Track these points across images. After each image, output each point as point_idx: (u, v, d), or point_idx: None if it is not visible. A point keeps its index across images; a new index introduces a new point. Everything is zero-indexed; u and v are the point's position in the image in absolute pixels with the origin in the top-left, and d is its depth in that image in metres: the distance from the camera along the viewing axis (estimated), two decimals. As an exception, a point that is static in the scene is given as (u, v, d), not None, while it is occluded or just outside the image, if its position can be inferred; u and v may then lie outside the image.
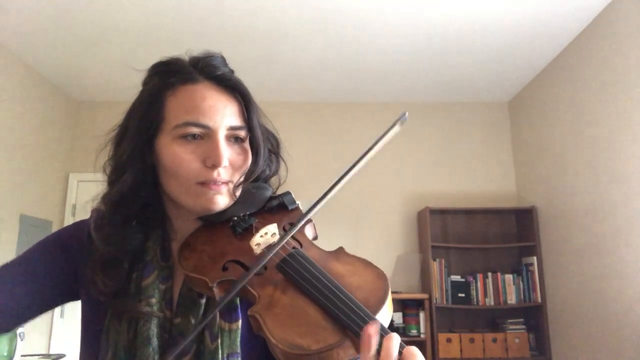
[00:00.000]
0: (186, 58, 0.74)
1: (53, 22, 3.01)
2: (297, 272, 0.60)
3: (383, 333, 0.51)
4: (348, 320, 0.53)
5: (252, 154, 0.74)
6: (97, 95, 4.14)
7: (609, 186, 2.84)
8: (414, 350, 0.50)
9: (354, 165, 0.64)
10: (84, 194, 4.05)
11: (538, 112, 3.76)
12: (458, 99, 4.22)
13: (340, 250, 0.67)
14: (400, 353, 0.49)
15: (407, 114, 0.67)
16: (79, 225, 0.79)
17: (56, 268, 0.74)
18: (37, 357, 3.12)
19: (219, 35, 3.16)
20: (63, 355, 3.20)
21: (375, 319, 0.53)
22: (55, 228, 3.90)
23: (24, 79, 3.53)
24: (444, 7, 2.87)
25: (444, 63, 3.57)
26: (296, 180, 0.88)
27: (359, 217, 3.97)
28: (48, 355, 3.40)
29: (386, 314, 0.56)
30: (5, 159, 3.33)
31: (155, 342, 0.65)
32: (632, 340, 2.61)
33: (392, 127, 0.65)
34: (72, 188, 4.06)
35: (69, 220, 3.99)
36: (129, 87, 0.77)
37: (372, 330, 0.50)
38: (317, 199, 0.63)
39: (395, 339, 0.50)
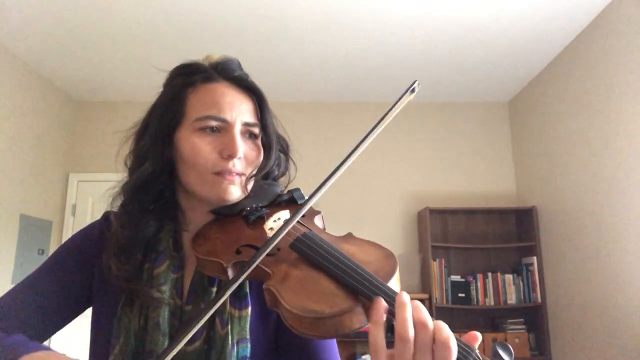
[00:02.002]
0: (206, 63, 0.79)
1: (53, 23, 3.01)
2: (310, 248, 0.63)
3: (392, 297, 0.53)
4: (359, 286, 0.55)
5: (264, 151, 0.79)
6: (97, 95, 4.13)
7: (609, 186, 2.84)
8: (444, 327, 0.51)
9: (366, 137, 0.66)
10: (84, 194, 4.06)
11: (538, 112, 3.76)
12: (458, 99, 4.22)
13: (349, 234, 0.71)
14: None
15: (417, 82, 0.68)
16: (88, 227, 0.83)
17: (68, 272, 0.77)
18: (37, 357, 3.11)
19: (219, 35, 3.16)
20: (63, 355, 3.19)
21: (386, 285, 0.56)
22: (55, 228, 3.90)
23: (24, 79, 3.53)
24: (444, 7, 2.87)
25: (444, 63, 3.57)
26: (295, 179, 0.90)
27: (359, 217, 3.97)
28: (48, 355, 3.39)
29: (395, 286, 0.59)
30: (5, 159, 3.33)
31: (165, 327, 0.68)
32: (632, 340, 2.61)
33: (403, 95, 0.68)
34: (72, 188, 4.06)
35: (69, 220, 3.99)
36: (129, 87, 0.79)
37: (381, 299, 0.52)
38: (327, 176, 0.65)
39: (409, 308, 0.52)
